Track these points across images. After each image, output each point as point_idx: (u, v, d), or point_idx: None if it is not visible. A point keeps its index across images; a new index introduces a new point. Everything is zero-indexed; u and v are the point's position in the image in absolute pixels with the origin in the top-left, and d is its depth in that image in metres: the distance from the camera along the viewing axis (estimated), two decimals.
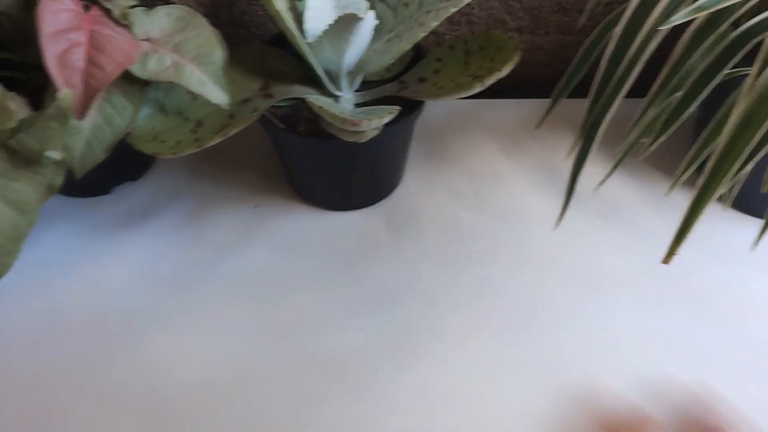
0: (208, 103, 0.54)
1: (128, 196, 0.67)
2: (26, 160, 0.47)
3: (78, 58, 0.45)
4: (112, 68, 0.45)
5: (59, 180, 0.49)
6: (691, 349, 0.51)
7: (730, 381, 0.49)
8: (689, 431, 0.43)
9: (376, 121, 0.51)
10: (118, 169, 0.66)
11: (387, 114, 0.52)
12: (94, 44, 0.46)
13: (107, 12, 0.50)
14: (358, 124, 0.50)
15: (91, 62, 0.45)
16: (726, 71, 0.49)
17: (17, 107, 0.43)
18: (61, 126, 0.44)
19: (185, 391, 0.50)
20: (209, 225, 0.64)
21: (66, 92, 0.42)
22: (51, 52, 0.44)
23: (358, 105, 0.60)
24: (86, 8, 0.49)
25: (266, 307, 0.56)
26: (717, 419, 0.45)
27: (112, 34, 0.47)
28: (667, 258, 0.46)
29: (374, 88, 0.62)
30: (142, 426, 0.48)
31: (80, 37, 0.45)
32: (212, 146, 0.53)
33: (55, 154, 0.46)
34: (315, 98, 0.57)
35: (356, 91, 0.61)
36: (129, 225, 0.64)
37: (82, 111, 0.45)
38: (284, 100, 0.58)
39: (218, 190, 0.67)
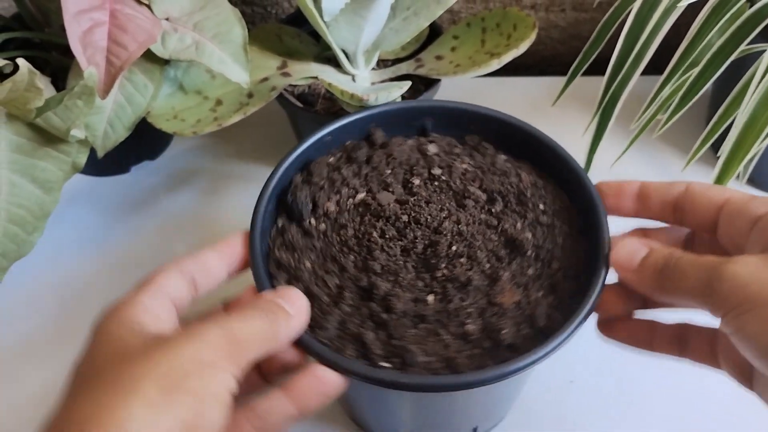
0: (227, 82, 0.55)
1: (146, 175, 0.67)
2: (51, 139, 0.48)
3: (101, 38, 0.46)
4: (134, 47, 0.46)
5: (83, 158, 0.50)
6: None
7: None
8: None
9: (383, 95, 0.51)
10: (136, 149, 0.67)
11: (396, 89, 0.52)
12: (116, 23, 0.46)
13: None
14: (365, 99, 0.51)
15: (114, 41, 0.46)
16: (742, 47, 0.49)
17: (43, 86, 0.43)
18: (86, 104, 0.45)
19: None
20: (227, 204, 0.64)
21: (93, 71, 0.43)
22: (74, 32, 0.45)
23: (374, 83, 0.61)
24: None
25: None
26: None
27: (133, 13, 0.47)
28: None
29: (390, 66, 0.62)
30: None
31: (103, 16, 0.46)
32: (229, 125, 0.53)
33: (79, 133, 0.47)
34: (327, 75, 0.57)
35: (372, 69, 0.61)
36: (147, 204, 0.65)
37: (105, 90, 0.46)
38: (301, 78, 0.59)
39: (236, 169, 0.68)
